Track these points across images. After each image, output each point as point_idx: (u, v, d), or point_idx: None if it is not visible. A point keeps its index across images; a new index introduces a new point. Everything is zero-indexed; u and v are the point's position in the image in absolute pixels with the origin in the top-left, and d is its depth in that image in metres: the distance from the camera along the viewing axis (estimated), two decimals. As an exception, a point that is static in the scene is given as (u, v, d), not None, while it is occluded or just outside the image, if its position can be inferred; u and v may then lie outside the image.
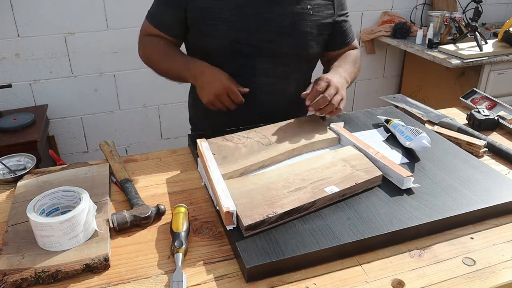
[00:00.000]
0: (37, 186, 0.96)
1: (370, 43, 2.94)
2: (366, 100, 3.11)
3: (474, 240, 0.82)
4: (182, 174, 1.05)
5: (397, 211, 0.85)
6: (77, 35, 2.29)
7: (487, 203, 0.87)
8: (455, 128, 1.24)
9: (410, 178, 0.91)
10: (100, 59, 2.38)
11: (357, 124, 1.24)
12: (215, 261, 0.77)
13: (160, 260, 0.77)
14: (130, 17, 2.34)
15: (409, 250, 0.79)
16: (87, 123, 2.50)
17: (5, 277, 0.70)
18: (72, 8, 2.22)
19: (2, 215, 0.90)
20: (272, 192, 0.86)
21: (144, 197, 0.94)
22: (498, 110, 1.38)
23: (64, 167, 1.06)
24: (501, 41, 2.48)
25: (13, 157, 1.09)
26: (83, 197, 0.81)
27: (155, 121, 2.64)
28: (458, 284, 0.72)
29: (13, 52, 2.20)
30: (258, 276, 0.72)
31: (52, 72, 2.31)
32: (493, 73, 2.40)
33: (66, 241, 0.76)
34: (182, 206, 0.87)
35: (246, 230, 0.78)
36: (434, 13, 2.67)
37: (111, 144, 1.15)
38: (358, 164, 0.96)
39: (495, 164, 1.09)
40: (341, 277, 0.73)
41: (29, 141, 1.91)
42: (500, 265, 0.76)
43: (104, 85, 2.44)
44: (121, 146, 2.62)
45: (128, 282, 0.73)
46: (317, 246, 0.75)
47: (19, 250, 0.77)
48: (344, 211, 0.85)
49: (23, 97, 2.30)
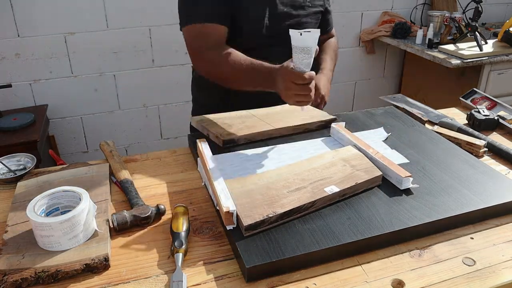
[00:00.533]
0: (37, 186, 0.96)
1: (370, 43, 2.94)
2: (366, 100, 3.11)
3: (474, 240, 0.82)
4: (182, 174, 1.05)
5: (397, 211, 0.85)
6: (77, 35, 2.29)
7: (487, 203, 0.87)
8: (455, 128, 1.24)
9: (409, 178, 0.91)
10: (100, 59, 2.38)
11: (357, 124, 1.24)
12: (215, 261, 0.77)
13: (160, 260, 0.77)
14: (130, 17, 2.34)
15: (409, 250, 0.79)
16: (87, 123, 2.50)
17: (5, 277, 0.70)
18: (72, 8, 2.22)
19: (2, 215, 0.90)
20: (272, 192, 0.86)
21: (144, 197, 0.94)
22: (498, 110, 1.38)
23: (64, 167, 1.06)
24: (501, 41, 2.48)
25: (13, 157, 1.09)
26: (83, 197, 0.81)
27: (155, 121, 2.64)
28: (458, 284, 0.72)
29: (13, 52, 2.20)
30: (258, 276, 0.72)
31: (52, 72, 2.31)
32: (493, 73, 2.40)
33: (66, 241, 0.76)
34: (182, 206, 0.87)
35: (246, 230, 0.78)
36: (434, 13, 2.67)
37: (111, 144, 1.15)
38: (358, 164, 0.97)
39: (495, 164, 1.09)
40: (341, 277, 0.73)
41: (29, 141, 1.91)
42: (500, 265, 0.76)
43: (104, 85, 2.44)
44: (121, 146, 2.62)
45: (128, 282, 0.73)
46: (317, 246, 0.75)
47: (19, 250, 0.77)
48: (344, 211, 0.85)
49: (23, 97, 2.30)
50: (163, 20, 2.40)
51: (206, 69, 1.23)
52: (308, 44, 0.92)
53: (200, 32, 1.18)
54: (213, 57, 1.17)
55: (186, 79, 2.57)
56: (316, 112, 1.26)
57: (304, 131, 1.18)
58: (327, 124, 1.21)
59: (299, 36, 0.91)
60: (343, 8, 2.79)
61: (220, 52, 1.16)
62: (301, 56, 0.94)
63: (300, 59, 0.94)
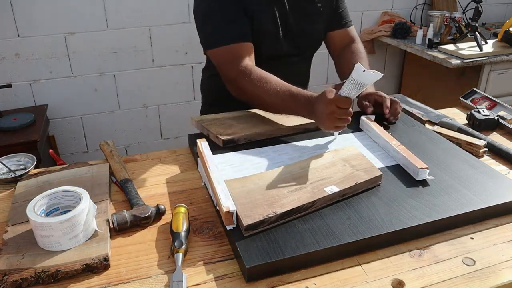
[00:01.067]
0: (37, 186, 0.96)
1: (370, 43, 2.94)
2: (366, 100, 3.10)
3: (474, 240, 0.82)
4: (182, 174, 1.05)
5: (397, 211, 0.85)
6: (77, 35, 2.29)
7: (487, 203, 0.87)
8: (455, 128, 1.24)
9: (425, 170, 0.94)
10: (100, 59, 2.38)
11: (357, 124, 1.24)
12: (215, 261, 0.77)
13: (160, 260, 0.77)
14: (130, 17, 2.34)
15: (409, 250, 0.79)
16: (87, 123, 2.50)
17: (5, 277, 0.70)
18: (72, 8, 2.22)
19: (2, 215, 0.90)
20: (272, 192, 0.86)
21: (144, 197, 0.94)
22: (498, 110, 1.38)
23: (64, 167, 1.06)
24: (501, 41, 2.48)
25: (13, 157, 1.09)
26: (83, 197, 0.81)
27: (155, 121, 2.64)
28: (458, 284, 0.72)
29: (13, 52, 2.20)
30: (258, 276, 0.72)
31: (52, 72, 2.31)
32: (493, 73, 2.40)
33: (66, 241, 0.76)
34: (182, 206, 0.87)
35: (246, 230, 0.78)
36: (434, 13, 2.67)
37: (111, 144, 1.15)
38: (358, 164, 0.97)
39: (495, 164, 1.09)
40: (341, 277, 0.73)
41: (29, 141, 1.91)
42: (500, 265, 0.76)
43: (104, 85, 2.44)
44: (121, 146, 2.62)
45: (128, 282, 0.73)
46: (317, 246, 0.75)
47: (19, 250, 0.77)
48: (344, 211, 0.85)
49: (23, 97, 2.30)
50: (163, 20, 2.41)
51: (240, 96, 1.20)
52: (365, 82, 0.95)
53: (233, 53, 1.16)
54: (246, 85, 1.14)
55: (186, 79, 2.59)
56: None
57: (304, 131, 1.18)
58: None
59: (362, 72, 0.93)
60: (343, 8, 2.79)
61: (252, 78, 1.13)
62: (353, 88, 0.96)
63: (351, 90, 0.97)
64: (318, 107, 1.02)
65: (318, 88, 2.29)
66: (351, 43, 1.43)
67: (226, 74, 1.20)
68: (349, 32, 1.44)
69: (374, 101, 1.27)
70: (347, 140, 1.15)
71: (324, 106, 1.00)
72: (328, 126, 1.03)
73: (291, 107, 1.11)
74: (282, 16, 1.26)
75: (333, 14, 1.39)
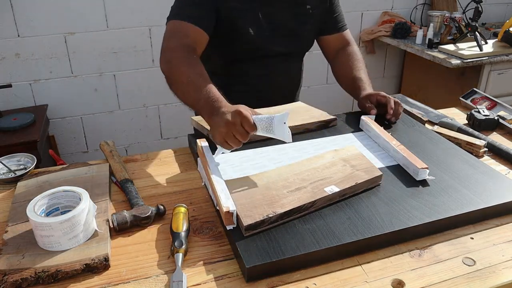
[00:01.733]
0: (37, 186, 0.96)
1: (370, 43, 2.94)
2: (366, 100, 3.10)
3: (474, 240, 0.82)
4: (182, 174, 1.05)
5: (397, 211, 0.85)
6: (77, 35, 2.29)
7: (487, 203, 0.87)
8: (455, 128, 1.24)
9: (425, 170, 0.94)
10: (100, 59, 2.38)
11: (357, 124, 1.24)
12: (215, 261, 0.77)
13: (160, 260, 0.77)
14: (130, 17, 2.34)
15: (409, 250, 0.79)
16: (87, 123, 2.50)
17: (5, 277, 0.70)
18: (72, 8, 2.22)
19: (2, 215, 0.90)
20: (272, 192, 0.86)
21: (144, 197, 0.94)
22: (498, 110, 1.38)
23: (64, 167, 1.06)
24: (501, 41, 2.48)
25: (13, 157, 1.09)
26: (83, 197, 0.81)
27: (155, 121, 2.64)
28: (458, 284, 0.72)
29: (13, 52, 2.20)
30: (258, 276, 0.72)
31: (52, 72, 2.31)
32: (493, 73, 2.40)
33: (66, 241, 0.76)
34: (182, 206, 0.87)
35: (246, 230, 0.78)
36: (434, 13, 2.67)
37: (111, 144, 1.15)
38: (358, 164, 0.97)
39: (495, 164, 1.09)
40: (341, 277, 0.73)
41: (29, 141, 1.91)
42: (500, 265, 0.76)
43: (104, 85, 2.44)
44: (121, 146, 2.62)
45: (128, 282, 0.73)
46: (317, 246, 0.75)
47: (19, 250, 0.77)
48: (344, 211, 0.85)
49: (23, 97, 2.30)
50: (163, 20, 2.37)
51: (165, 68, 1.18)
52: (276, 132, 0.89)
53: (182, 29, 1.18)
54: (177, 59, 1.13)
55: (186, 79, 2.59)
56: (316, 112, 1.26)
57: (304, 131, 1.18)
58: (327, 124, 1.21)
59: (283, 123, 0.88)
60: (343, 8, 2.75)
61: (187, 56, 1.13)
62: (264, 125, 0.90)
63: (262, 125, 0.90)
64: (224, 112, 0.95)
65: (318, 88, 2.35)
66: (347, 46, 1.44)
67: (166, 44, 1.20)
68: (344, 36, 1.45)
69: (376, 101, 1.26)
70: (347, 140, 1.15)
71: (231, 114, 0.93)
72: (220, 135, 0.94)
73: (199, 98, 1.02)
74: (267, 16, 1.26)
75: (328, 18, 1.39)
